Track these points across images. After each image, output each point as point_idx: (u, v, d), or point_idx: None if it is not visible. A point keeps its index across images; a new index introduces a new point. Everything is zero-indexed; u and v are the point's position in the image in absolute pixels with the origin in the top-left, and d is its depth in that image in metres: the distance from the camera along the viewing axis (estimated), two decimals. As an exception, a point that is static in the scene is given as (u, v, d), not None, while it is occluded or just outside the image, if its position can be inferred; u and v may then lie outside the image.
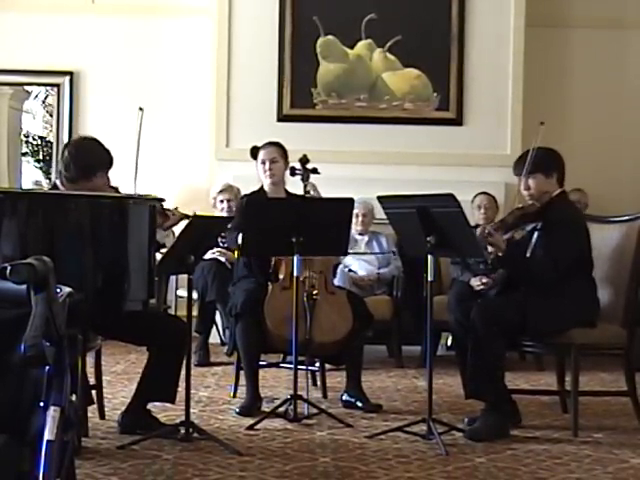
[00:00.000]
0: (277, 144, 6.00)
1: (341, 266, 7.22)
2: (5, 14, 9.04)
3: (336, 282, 6.38)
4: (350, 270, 7.49)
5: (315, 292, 5.55)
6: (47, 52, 9.08)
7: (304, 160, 5.77)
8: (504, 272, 5.52)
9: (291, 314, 5.26)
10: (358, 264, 7.57)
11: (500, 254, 5.07)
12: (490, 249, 5.08)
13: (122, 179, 5.05)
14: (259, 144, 6.01)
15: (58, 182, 4.91)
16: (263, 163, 5.93)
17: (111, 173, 4.98)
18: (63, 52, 9.10)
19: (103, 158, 4.89)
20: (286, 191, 6.03)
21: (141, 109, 5.07)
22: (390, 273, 7.61)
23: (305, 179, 5.76)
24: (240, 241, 5.32)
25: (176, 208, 5.27)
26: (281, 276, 5.72)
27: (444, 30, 8.53)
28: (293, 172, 5.79)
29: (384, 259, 7.68)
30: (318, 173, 5.77)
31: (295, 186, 5.92)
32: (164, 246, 5.08)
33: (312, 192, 5.79)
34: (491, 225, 5.16)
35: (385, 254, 7.66)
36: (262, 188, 6.00)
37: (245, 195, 6.13)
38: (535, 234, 5.20)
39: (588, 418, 5.36)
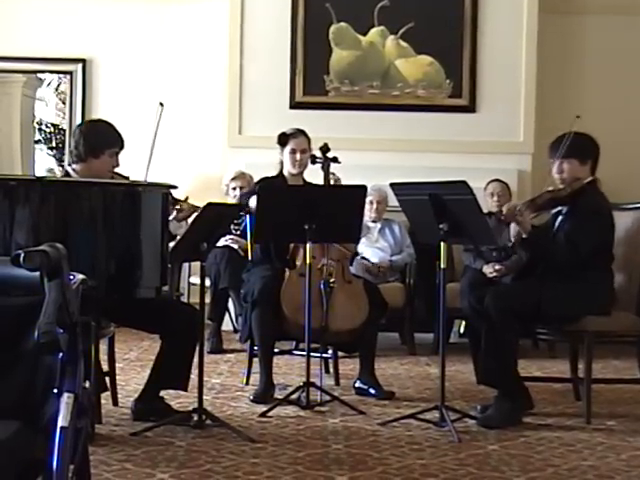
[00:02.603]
0: (305, 134, 5.98)
1: (356, 254, 7.21)
2: (18, 1, 9.04)
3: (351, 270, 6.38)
4: (363, 257, 7.48)
5: (332, 280, 5.56)
6: (60, 40, 9.08)
7: (325, 149, 5.78)
8: (517, 259, 5.51)
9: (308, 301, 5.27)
10: (371, 251, 7.57)
11: (524, 235, 5.07)
12: (512, 231, 5.09)
13: (134, 167, 5.06)
14: (287, 131, 5.97)
15: (69, 168, 4.93)
16: (293, 152, 5.90)
17: (123, 161, 4.99)
18: (76, 39, 9.11)
19: (113, 137, 4.91)
20: (304, 180, 6.02)
21: (161, 104, 5.04)
22: (403, 260, 7.61)
23: (325, 167, 5.76)
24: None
25: (186, 198, 5.27)
26: (298, 263, 5.72)
27: (457, 17, 8.51)
28: (314, 160, 5.81)
29: (397, 246, 7.68)
30: (338, 162, 5.78)
31: (313, 174, 5.92)
32: (176, 237, 5.08)
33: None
34: (522, 203, 5.14)
35: (397, 242, 7.67)
36: (281, 174, 5.99)
37: (262, 179, 6.09)
38: (559, 218, 5.19)
39: (601, 406, 5.35)
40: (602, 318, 5.05)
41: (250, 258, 6.10)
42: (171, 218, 5.10)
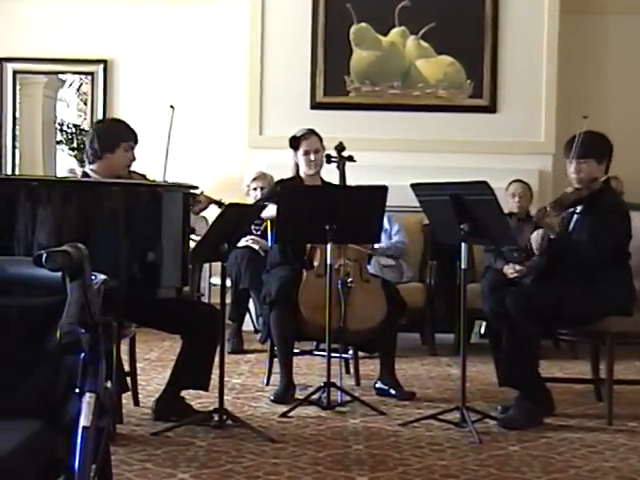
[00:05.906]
0: (316, 132, 5.99)
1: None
2: (39, 3, 9.08)
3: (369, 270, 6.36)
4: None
5: (350, 280, 5.56)
6: (81, 41, 9.11)
7: (340, 148, 5.77)
8: (538, 259, 5.49)
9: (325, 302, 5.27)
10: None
11: (552, 236, 5.06)
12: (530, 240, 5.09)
13: (153, 168, 5.07)
14: (297, 133, 5.98)
15: (87, 169, 4.96)
16: (307, 154, 5.91)
17: (144, 161, 5.00)
18: (97, 40, 9.14)
19: (125, 131, 4.97)
20: (321, 179, 6.03)
21: (172, 107, 5.05)
22: (393, 245, 7.42)
23: (341, 166, 5.76)
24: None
25: (202, 192, 5.26)
26: (315, 263, 5.72)
27: (478, 17, 8.48)
28: (329, 160, 5.80)
29: (385, 235, 7.36)
30: (354, 161, 5.77)
31: (329, 173, 5.93)
32: (194, 231, 5.10)
33: None
34: (549, 204, 5.12)
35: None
36: (298, 175, 5.99)
37: (280, 181, 6.11)
38: (574, 217, 5.18)
39: (623, 407, 5.33)
40: (624, 319, 5.03)
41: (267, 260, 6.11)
42: None
